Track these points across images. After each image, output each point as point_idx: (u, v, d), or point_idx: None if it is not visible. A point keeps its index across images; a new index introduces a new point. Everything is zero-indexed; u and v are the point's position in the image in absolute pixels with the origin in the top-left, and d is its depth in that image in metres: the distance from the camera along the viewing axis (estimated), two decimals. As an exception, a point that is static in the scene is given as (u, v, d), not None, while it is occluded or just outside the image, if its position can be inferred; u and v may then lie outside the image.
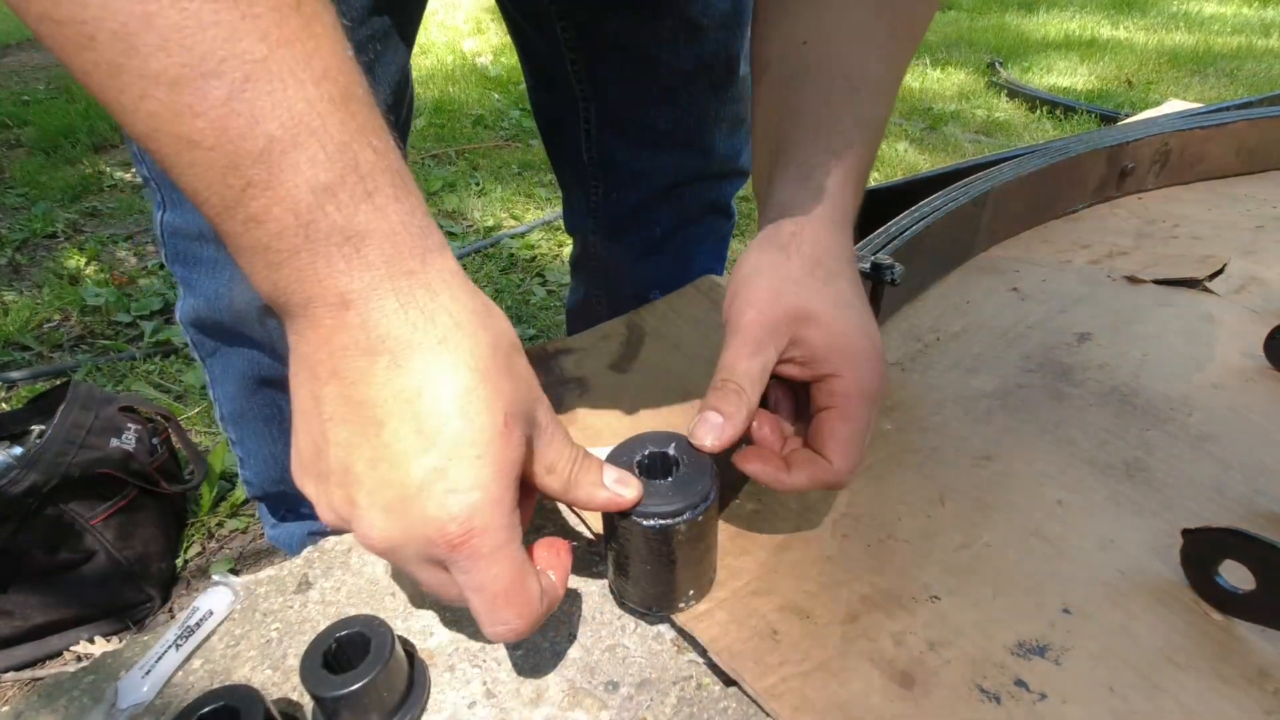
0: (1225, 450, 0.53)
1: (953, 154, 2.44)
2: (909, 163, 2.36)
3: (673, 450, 0.40)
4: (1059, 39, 3.70)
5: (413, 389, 0.29)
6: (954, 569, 0.44)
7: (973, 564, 0.45)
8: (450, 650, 0.42)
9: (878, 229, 0.68)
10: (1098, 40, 3.66)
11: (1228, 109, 1.00)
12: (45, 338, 1.54)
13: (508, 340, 0.33)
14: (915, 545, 0.46)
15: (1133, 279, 0.73)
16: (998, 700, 0.37)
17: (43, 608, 0.93)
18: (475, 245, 1.90)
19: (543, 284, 1.77)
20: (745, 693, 0.38)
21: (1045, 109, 2.75)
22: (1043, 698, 0.37)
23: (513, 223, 2.03)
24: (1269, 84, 2.99)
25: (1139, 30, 3.84)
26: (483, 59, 3.29)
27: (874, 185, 0.87)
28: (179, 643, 0.42)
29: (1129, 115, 1.58)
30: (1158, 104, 1.34)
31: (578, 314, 1.01)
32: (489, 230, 2.00)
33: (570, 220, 0.93)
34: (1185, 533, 0.42)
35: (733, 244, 0.95)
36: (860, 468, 0.42)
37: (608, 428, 0.56)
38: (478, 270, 1.83)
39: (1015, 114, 2.78)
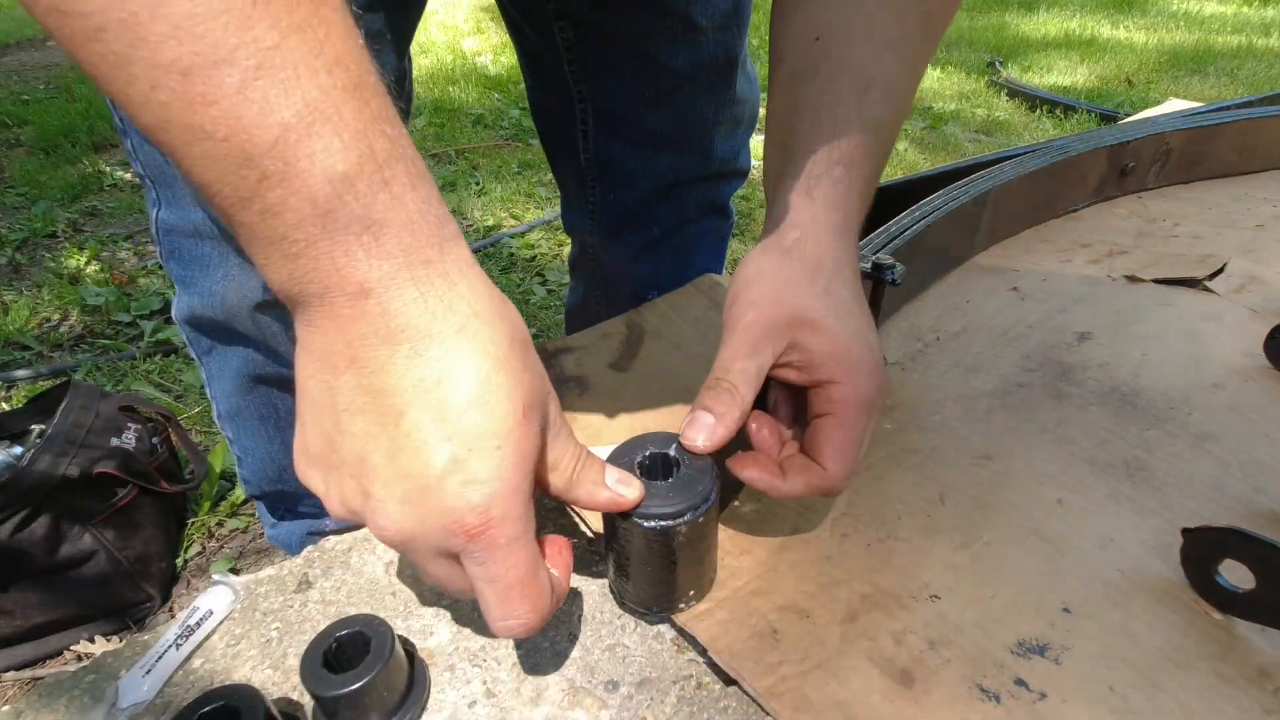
0: (1225, 449, 0.53)
1: (953, 153, 2.44)
2: (909, 162, 2.36)
3: (673, 451, 0.40)
4: (1059, 38, 3.70)
5: (433, 378, 0.29)
6: (954, 568, 0.44)
7: (973, 563, 0.45)
8: (450, 650, 0.42)
9: (878, 228, 0.68)
10: (1098, 39, 3.66)
11: (1228, 108, 1.00)
12: (45, 337, 1.54)
13: (522, 333, 0.33)
14: (915, 544, 0.46)
15: (1133, 278, 0.73)
16: (997, 699, 0.37)
17: (43, 607, 0.93)
18: (475, 245, 1.90)
19: (543, 283, 1.77)
20: (745, 692, 0.38)
21: (1045, 108, 2.75)
22: (1043, 697, 0.37)
23: (513, 222, 2.03)
24: (1269, 83, 2.99)
25: (1139, 29, 3.84)
26: (483, 58, 3.29)
27: (874, 184, 0.86)
28: (179, 642, 0.42)
29: (1129, 114, 1.58)
30: (1158, 103, 1.34)
31: (577, 314, 1.01)
32: (489, 230, 2.00)
33: (568, 220, 0.93)
34: (1185, 532, 0.42)
35: (733, 244, 0.94)
36: (857, 473, 0.42)
37: (607, 426, 0.56)
38: (478, 270, 1.83)
39: (1015, 113, 2.78)
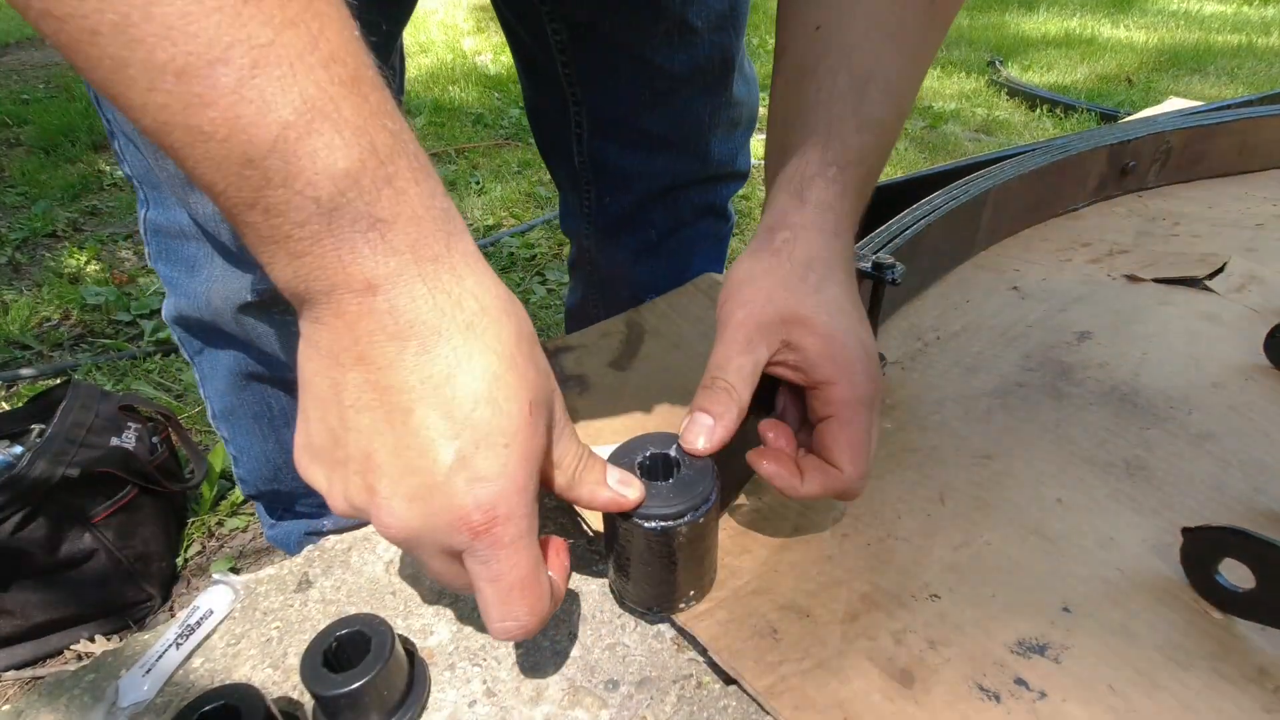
0: (1225, 449, 0.53)
1: (953, 153, 2.44)
2: (909, 161, 2.36)
3: (674, 452, 0.40)
4: (1059, 37, 3.70)
5: (441, 375, 0.29)
6: (954, 567, 0.44)
7: (973, 562, 0.45)
8: (450, 649, 0.42)
9: (878, 228, 0.68)
10: (1098, 38, 3.65)
11: (1228, 107, 1.00)
12: (45, 337, 1.54)
13: (529, 329, 0.33)
14: (915, 544, 0.46)
15: (1133, 278, 0.73)
16: (998, 699, 0.37)
17: (43, 606, 0.93)
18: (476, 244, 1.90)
19: (543, 283, 1.77)
20: (745, 691, 0.38)
21: (1045, 107, 2.75)
22: (1043, 696, 0.37)
23: (513, 221, 2.03)
24: (1269, 82, 2.99)
25: (1139, 28, 3.84)
26: (483, 58, 3.29)
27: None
28: (179, 641, 0.42)
29: (1129, 113, 1.58)
30: (1158, 102, 1.34)
31: (576, 315, 1.01)
32: (489, 229, 2.00)
33: (566, 223, 0.92)
34: (1185, 531, 0.42)
35: (733, 244, 0.94)
36: (871, 473, 0.41)
37: (607, 425, 0.56)
38: (478, 269, 1.83)
39: (1015, 112, 2.78)
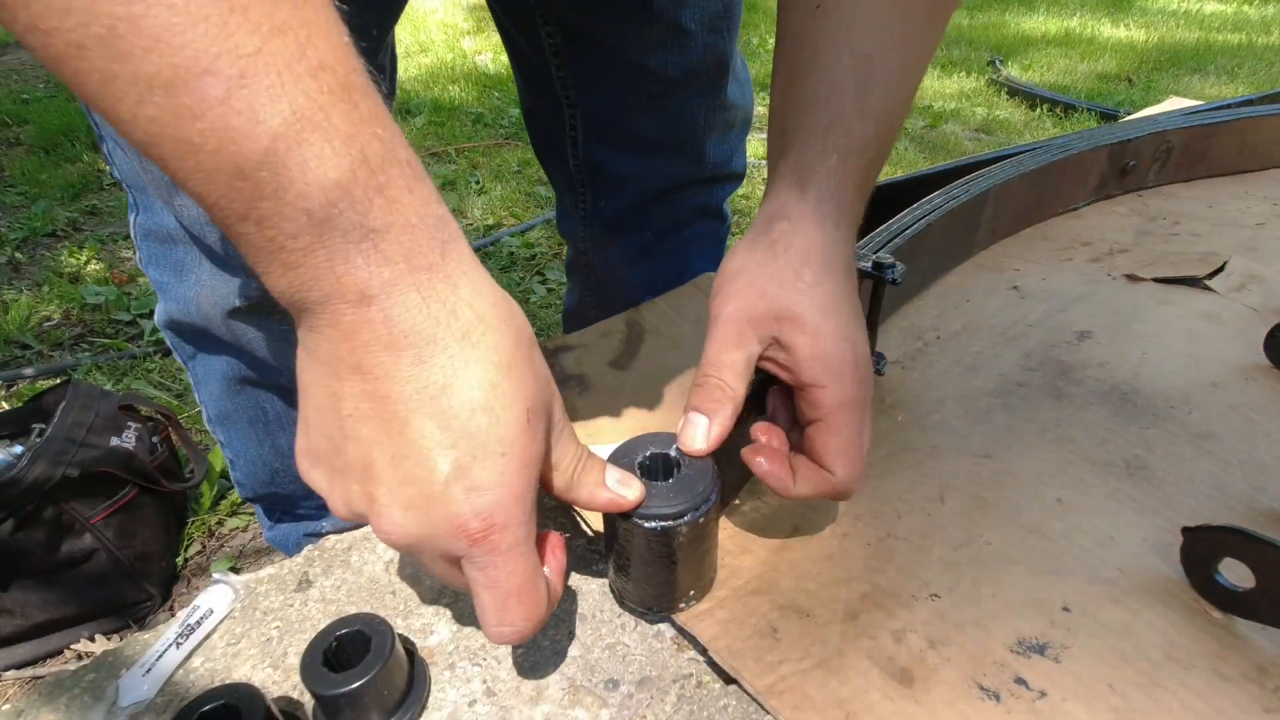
0: (1225, 448, 0.53)
1: (953, 152, 2.44)
2: (909, 161, 2.36)
3: (674, 452, 0.40)
4: (1059, 36, 3.70)
5: (438, 385, 0.29)
6: (954, 567, 0.44)
7: (973, 562, 0.45)
8: (450, 648, 0.42)
9: (878, 228, 0.68)
10: (1098, 38, 3.65)
11: (1228, 106, 0.99)
12: (45, 336, 1.54)
13: (527, 335, 0.32)
14: (915, 543, 0.46)
15: (1133, 277, 0.73)
16: (997, 698, 0.37)
17: (43, 606, 0.93)
18: (475, 244, 1.90)
19: (543, 282, 1.77)
20: (745, 691, 0.38)
21: (1045, 107, 2.75)
22: (1043, 695, 0.37)
23: (513, 221, 2.03)
24: (1269, 81, 2.99)
25: (1139, 28, 3.83)
26: (482, 57, 3.29)
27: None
28: (180, 641, 0.42)
29: (1129, 113, 1.57)
30: (1158, 102, 1.33)
31: (574, 317, 1.01)
32: (489, 229, 2.00)
33: (562, 224, 0.92)
34: (1185, 531, 0.42)
35: (731, 243, 0.94)
36: (866, 473, 0.41)
37: (608, 425, 0.56)
38: (478, 269, 1.83)
39: (1015, 112, 2.78)
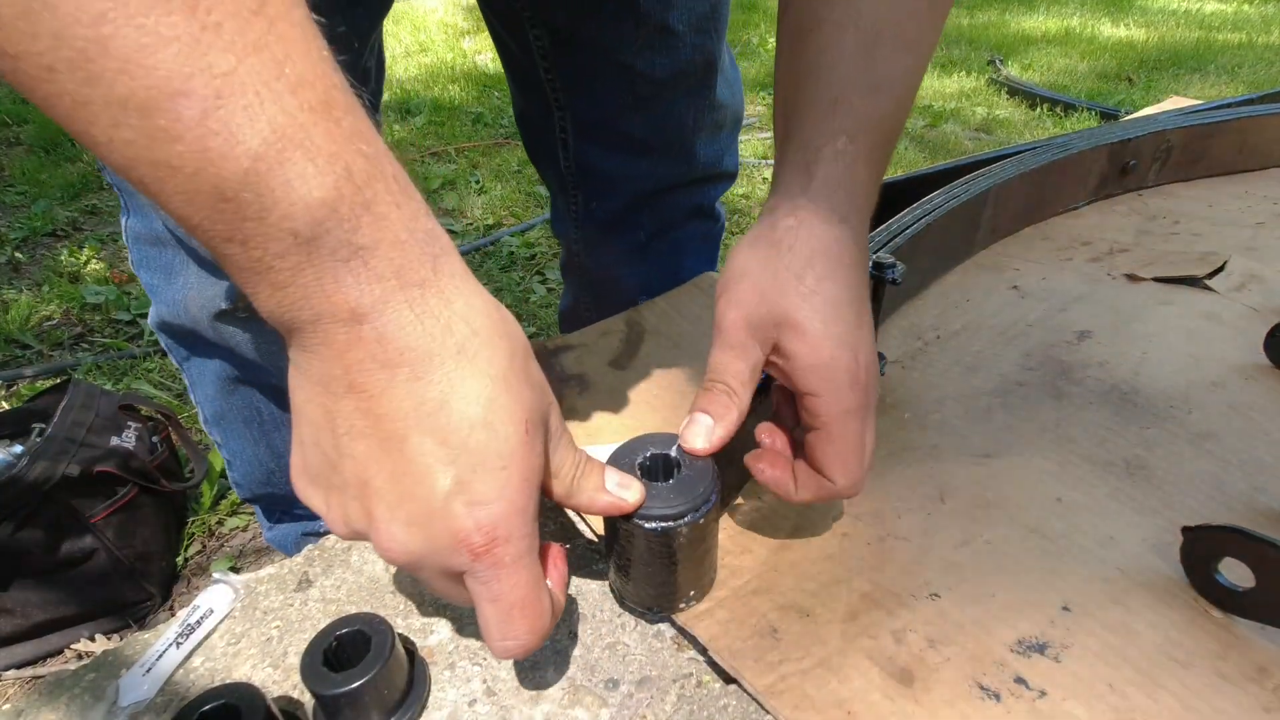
0: (1225, 448, 0.53)
1: (953, 152, 2.44)
2: (909, 161, 2.36)
3: (674, 452, 0.40)
4: (1059, 36, 3.69)
5: (435, 401, 0.29)
6: (954, 566, 0.44)
7: (973, 561, 0.45)
8: (450, 648, 0.42)
9: (878, 227, 0.68)
10: (1098, 37, 3.65)
11: (1229, 106, 0.99)
12: (45, 336, 1.54)
13: (522, 346, 0.32)
14: (915, 543, 0.46)
15: (1133, 277, 0.73)
16: (998, 698, 0.37)
17: (43, 605, 0.93)
18: (475, 243, 1.91)
19: (543, 281, 1.77)
20: (745, 690, 0.38)
21: (1045, 106, 2.75)
22: (1043, 695, 0.37)
23: (513, 220, 2.03)
24: (1270, 80, 2.99)
25: (1139, 27, 3.83)
26: (482, 57, 3.29)
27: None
28: (180, 640, 0.42)
29: (1129, 112, 1.57)
30: (1158, 101, 1.33)
31: (569, 318, 1.01)
32: (489, 228, 2.00)
33: (556, 226, 0.92)
34: (1185, 530, 0.42)
35: (731, 242, 0.94)
36: (868, 477, 0.41)
37: (607, 425, 0.56)
38: (478, 268, 1.83)
39: (1015, 111, 2.78)
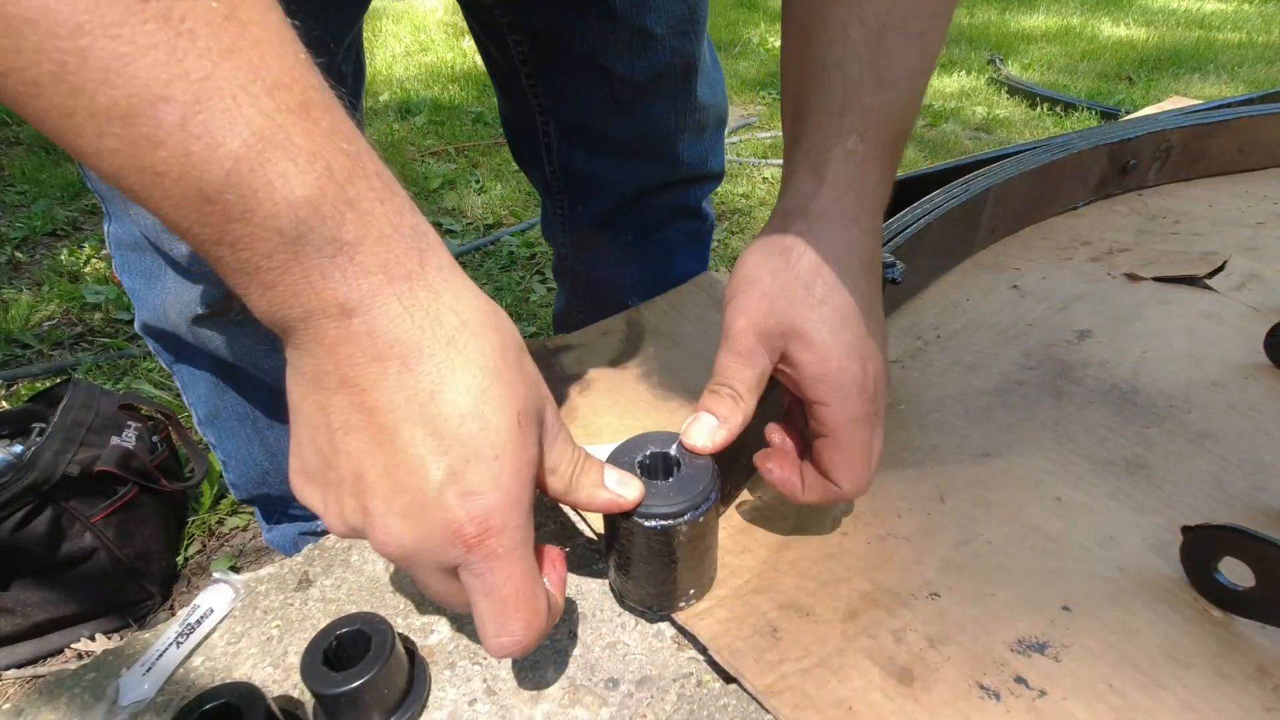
0: (1225, 447, 0.53)
1: (953, 151, 2.44)
2: (909, 160, 2.36)
3: (674, 451, 0.40)
4: (1060, 35, 3.69)
5: (426, 392, 0.29)
6: (954, 566, 0.44)
7: (973, 561, 0.45)
8: (451, 648, 0.42)
9: (878, 226, 0.68)
10: (1098, 37, 3.65)
11: (1229, 105, 0.99)
12: (45, 335, 1.54)
13: (514, 340, 0.32)
14: (915, 542, 0.46)
15: (1133, 276, 0.73)
16: (997, 697, 0.37)
17: (44, 605, 0.93)
18: (475, 243, 1.91)
19: (543, 281, 1.77)
20: (745, 690, 0.38)
21: (1046, 106, 2.75)
22: (1043, 694, 0.37)
23: (513, 220, 2.03)
24: (1270, 80, 2.99)
25: (1140, 26, 3.83)
26: (482, 56, 3.29)
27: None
28: (180, 640, 0.42)
29: (1129, 112, 1.57)
30: (1158, 101, 1.33)
31: (563, 321, 1.01)
32: (489, 228, 2.00)
33: (545, 229, 0.93)
34: (1185, 530, 0.42)
35: (734, 243, 0.94)
36: (873, 480, 0.41)
37: (607, 425, 0.56)
38: (478, 267, 1.83)
39: (1015, 111, 2.78)
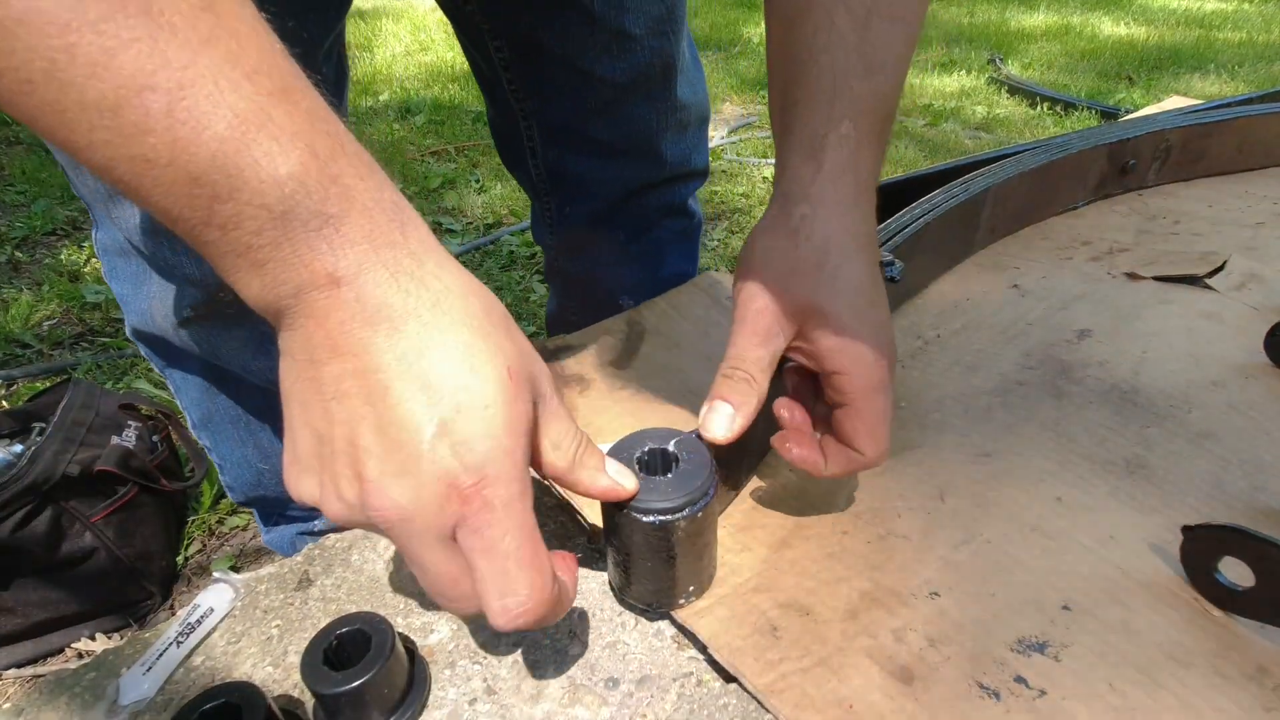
0: (1225, 447, 0.53)
1: (953, 151, 2.44)
2: (908, 160, 2.36)
3: (672, 447, 0.40)
4: (1060, 35, 3.69)
5: (415, 351, 0.30)
6: (954, 565, 0.44)
7: (973, 560, 0.45)
8: (451, 647, 0.42)
9: (878, 226, 0.68)
10: (1098, 36, 3.65)
11: (1228, 105, 0.99)
12: (45, 335, 1.54)
13: (500, 307, 0.33)
14: (915, 542, 0.46)
15: (1133, 276, 0.73)
16: (997, 697, 0.37)
17: (44, 605, 0.93)
18: (475, 242, 1.91)
19: (543, 281, 1.77)
20: (745, 689, 0.38)
21: (1045, 105, 2.75)
22: (1042, 694, 0.37)
23: (513, 219, 2.03)
24: (1270, 80, 2.99)
25: (1140, 26, 3.83)
26: (482, 56, 3.29)
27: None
28: (180, 639, 0.42)
29: (1129, 112, 1.57)
30: (1158, 100, 1.33)
31: (555, 323, 1.01)
32: (489, 227, 2.00)
33: (534, 232, 0.93)
34: (1185, 530, 0.42)
35: (732, 241, 0.94)
36: (891, 447, 0.43)
37: (608, 425, 0.56)
38: (478, 267, 1.83)
39: (1015, 110, 2.78)
